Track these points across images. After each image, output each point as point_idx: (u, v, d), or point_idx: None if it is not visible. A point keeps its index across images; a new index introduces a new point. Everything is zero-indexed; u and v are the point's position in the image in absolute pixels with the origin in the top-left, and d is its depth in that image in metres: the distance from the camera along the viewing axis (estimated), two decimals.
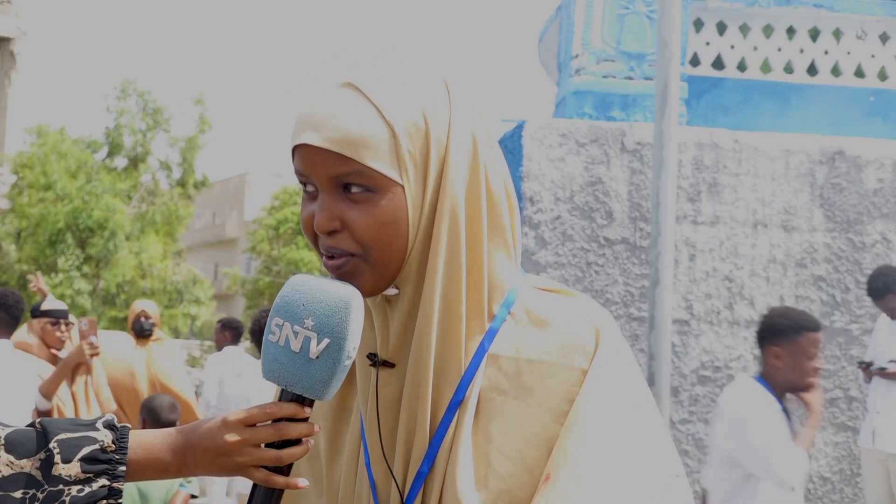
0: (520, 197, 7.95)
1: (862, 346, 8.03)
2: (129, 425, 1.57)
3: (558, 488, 1.45)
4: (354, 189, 1.51)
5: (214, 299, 36.82)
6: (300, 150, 1.53)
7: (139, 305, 8.88)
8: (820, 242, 8.14)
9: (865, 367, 7.62)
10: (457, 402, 1.54)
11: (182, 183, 35.10)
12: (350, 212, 1.52)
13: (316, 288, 1.49)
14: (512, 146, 8.22)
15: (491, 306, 1.57)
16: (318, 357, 1.46)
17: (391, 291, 1.57)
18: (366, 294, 1.55)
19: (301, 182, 1.57)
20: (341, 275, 1.53)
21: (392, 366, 1.58)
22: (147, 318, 8.67)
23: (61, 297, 29.73)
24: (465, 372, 1.55)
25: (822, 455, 7.96)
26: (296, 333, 1.47)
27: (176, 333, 35.63)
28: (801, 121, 8.63)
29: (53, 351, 7.37)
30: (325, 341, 1.46)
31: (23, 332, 7.43)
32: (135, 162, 34.23)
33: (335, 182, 1.52)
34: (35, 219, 29.81)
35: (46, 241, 29.88)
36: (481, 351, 1.56)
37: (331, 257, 1.54)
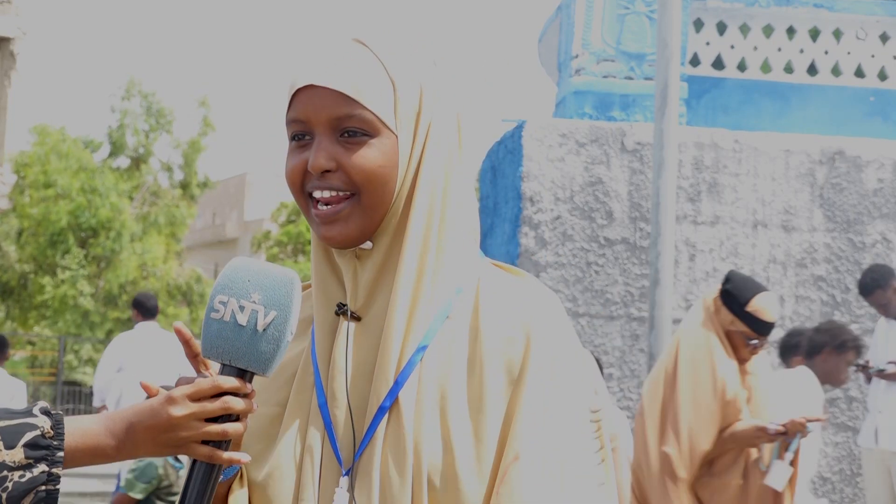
0: (520, 197, 7.95)
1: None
2: (62, 412, 1.57)
3: (526, 467, 1.56)
4: (353, 133, 1.60)
5: None
6: (303, 94, 1.62)
7: None
8: (820, 242, 8.14)
9: (863, 368, 7.62)
10: (417, 358, 1.61)
11: (184, 185, 35.08)
12: (346, 154, 1.60)
13: (258, 267, 1.54)
14: (512, 146, 8.22)
15: (455, 272, 1.66)
16: (265, 329, 1.50)
17: (365, 245, 1.64)
18: (349, 241, 1.62)
19: (294, 131, 1.64)
20: (335, 217, 1.61)
21: (359, 319, 1.64)
22: None
23: (63, 297, 29.75)
24: (427, 331, 1.62)
25: (822, 455, 7.96)
26: (242, 308, 1.51)
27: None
28: (801, 121, 8.63)
29: None
30: (273, 313, 1.51)
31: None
32: (137, 162, 34.22)
33: (335, 125, 1.61)
34: (36, 218, 29.79)
35: (47, 240, 29.85)
36: (442, 314, 1.64)
37: (324, 204, 1.61)
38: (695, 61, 8.69)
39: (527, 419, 1.58)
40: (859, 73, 8.79)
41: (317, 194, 1.62)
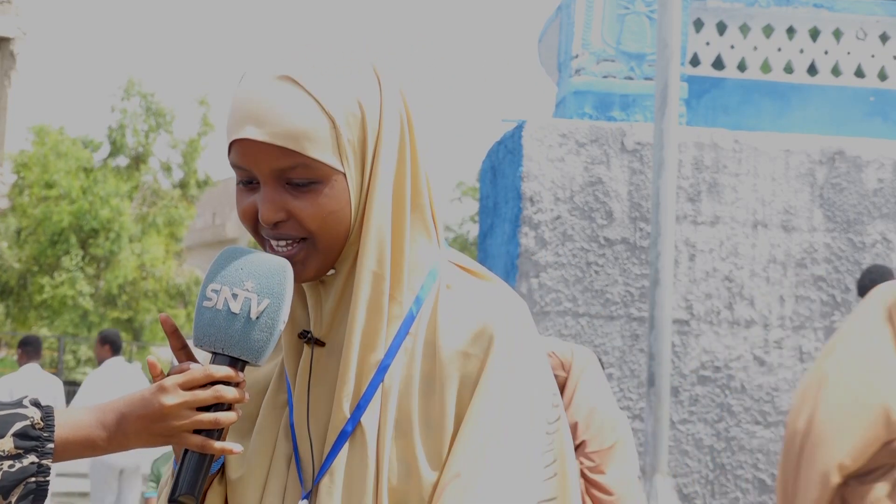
0: (520, 197, 7.95)
1: None
2: (53, 405, 1.56)
3: (466, 485, 1.52)
4: (298, 181, 1.54)
5: None
6: (240, 145, 1.55)
7: None
8: (820, 242, 8.14)
9: None
10: (378, 380, 1.58)
11: (183, 185, 35.05)
12: (295, 202, 1.55)
13: (251, 256, 1.54)
14: (512, 146, 8.22)
15: (413, 286, 1.61)
16: (258, 317, 1.50)
17: (329, 272, 1.62)
18: (311, 279, 1.60)
19: (239, 178, 1.60)
20: (292, 262, 1.56)
21: (323, 344, 1.61)
22: None
23: (63, 298, 29.74)
24: (388, 351, 1.59)
25: None
26: (235, 296, 1.50)
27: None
28: (801, 121, 8.63)
29: None
30: (266, 301, 1.50)
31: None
32: (136, 162, 34.20)
33: (278, 175, 1.55)
34: (36, 219, 29.78)
35: (47, 241, 29.84)
36: (402, 332, 1.60)
37: (279, 241, 1.58)
38: (695, 61, 8.68)
39: (472, 436, 1.54)
40: (859, 73, 8.79)
41: (272, 242, 1.59)
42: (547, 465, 1.59)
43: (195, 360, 1.57)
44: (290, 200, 1.55)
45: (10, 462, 1.49)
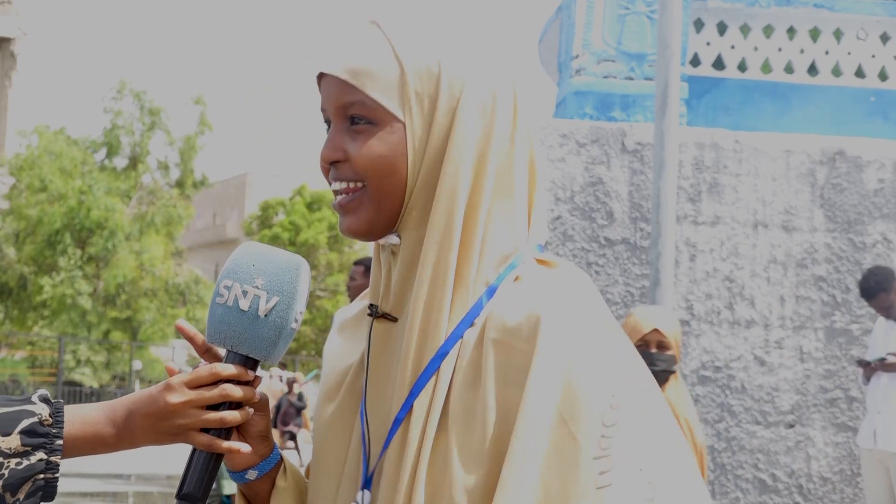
0: None
1: (862, 347, 8.02)
2: (63, 400, 1.55)
3: (508, 493, 1.42)
4: (358, 121, 1.54)
5: None
6: (321, 82, 1.58)
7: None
8: (820, 243, 8.14)
9: (865, 364, 7.62)
10: (434, 367, 1.51)
11: (180, 184, 35.05)
12: (351, 143, 1.54)
13: (266, 252, 1.53)
14: None
15: (486, 271, 1.54)
16: (266, 315, 1.49)
17: (394, 240, 1.56)
18: (364, 232, 1.55)
19: (324, 119, 1.60)
20: (344, 208, 1.55)
21: (394, 319, 1.56)
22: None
23: (62, 297, 29.74)
24: (449, 337, 1.51)
25: (822, 455, 7.96)
26: (245, 293, 1.50)
27: (178, 334, 35.61)
28: (802, 121, 8.63)
29: None
30: (275, 299, 1.49)
31: None
32: (134, 162, 34.21)
33: (342, 113, 1.55)
34: (33, 220, 29.80)
35: (45, 241, 29.86)
36: (467, 319, 1.52)
37: (338, 193, 1.57)
38: (695, 61, 8.68)
39: (519, 440, 1.42)
40: (860, 73, 8.79)
41: (333, 186, 1.58)
42: (602, 472, 1.43)
43: (220, 361, 1.56)
44: (349, 141, 1.55)
45: (18, 459, 1.48)
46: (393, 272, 1.57)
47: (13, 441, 1.48)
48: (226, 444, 1.51)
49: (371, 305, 1.59)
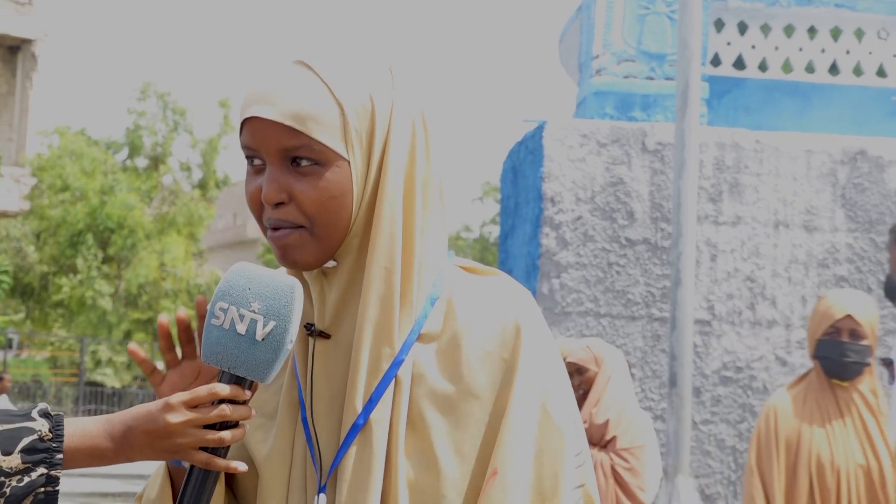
0: (541, 197, 7.95)
1: (885, 347, 8.00)
2: (63, 413, 1.57)
3: (506, 481, 1.55)
4: (302, 163, 1.56)
5: None
6: (250, 124, 1.58)
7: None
8: (842, 242, 8.12)
9: (889, 363, 7.59)
10: (391, 375, 1.59)
11: (202, 185, 35.13)
12: (297, 184, 1.57)
13: (261, 274, 1.53)
14: (533, 146, 8.22)
15: (426, 286, 1.63)
16: (263, 339, 1.50)
17: (330, 264, 1.62)
18: (308, 266, 1.60)
19: (248, 157, 1.62)
20: (286, 246, 1.59)
21: (328, 336, 1.62)
22: None
23: (82, 298, 29.83)
24: (402, 347, 1.60)
25: None
26: (241, 316, 1.51)
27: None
28: (823, 121, 8.61)
29: None
30: (272, 324, 1.50)
31: None
32: (155, 163, 34.31)
33: (284, 155, 1.57)
34: (55, 220, 29.90)
35: (67, 241, 29.95)
36: (416, 329, 1.62)
37: (276, 229, 1.60)
38: (716, 61, 8.67)
39: (508, 433, 1.57)
40: (881, 72, 8.76)
41: (271, 224, 1.60)
42: (577, 453, 1.63)
43: (178, 364, 1.64)
44: (294, 182, 1.57)
45: (19, 477, 1.50)
46: (328, 292, 1.63)
47: (14, 460, 1.50)
48: (223, 462, 1.53)
49: (308, 325, 1.63)
